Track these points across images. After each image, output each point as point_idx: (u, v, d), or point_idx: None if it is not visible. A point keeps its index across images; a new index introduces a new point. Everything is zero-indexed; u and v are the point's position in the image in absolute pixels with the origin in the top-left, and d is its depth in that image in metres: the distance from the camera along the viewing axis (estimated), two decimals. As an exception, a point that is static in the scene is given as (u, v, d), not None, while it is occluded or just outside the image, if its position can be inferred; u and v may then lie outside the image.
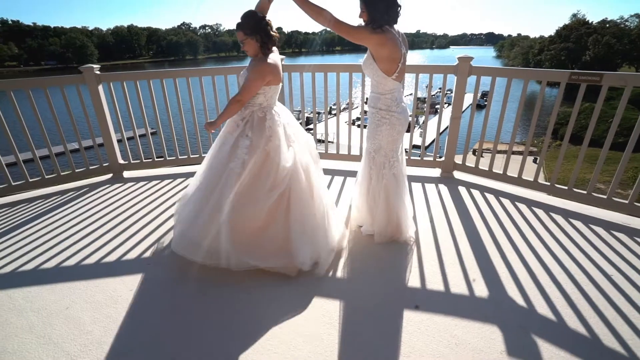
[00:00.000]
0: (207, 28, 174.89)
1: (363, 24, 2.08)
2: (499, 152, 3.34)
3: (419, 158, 3.65)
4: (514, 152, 3.31)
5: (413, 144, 3.70)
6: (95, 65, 3.35)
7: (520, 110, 3.06)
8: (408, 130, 3.41)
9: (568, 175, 3.62)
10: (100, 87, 3.40)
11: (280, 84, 2.23)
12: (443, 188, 3.29)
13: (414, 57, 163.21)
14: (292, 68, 3.66)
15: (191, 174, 2.56)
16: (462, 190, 3.25)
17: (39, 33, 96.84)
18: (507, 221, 2.73)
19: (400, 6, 2.05)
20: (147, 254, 2.41)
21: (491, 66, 3.15)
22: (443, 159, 3.57)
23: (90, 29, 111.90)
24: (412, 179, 3.48)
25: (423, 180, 3.47)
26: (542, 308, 1.88)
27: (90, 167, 3.65)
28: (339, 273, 2.19)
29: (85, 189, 3.48)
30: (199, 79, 3.58)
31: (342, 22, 2.00)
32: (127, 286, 2.11)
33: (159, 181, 3.62)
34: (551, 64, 50.80)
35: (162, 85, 3.52)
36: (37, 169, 3.39)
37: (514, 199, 3.08)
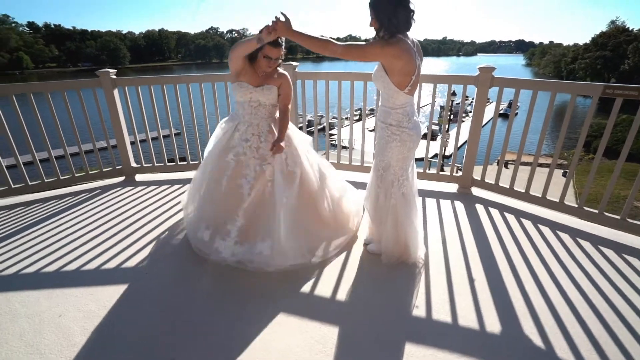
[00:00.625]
0: (234, 32, 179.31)
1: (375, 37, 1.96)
2: (523, 163, 3.11)
3: (435, 172, 3.47)
4: (540, 165, 3.07)
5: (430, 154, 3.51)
6: (111, 70, 3.39)
7: (546, 124, 2.84)
8: (425, 137, 3.26)
9: (601, 192, 3.33)
10: (115, 91, 3.44)
11: None
12: (459, 205, 3.09)
13: (439, 65, 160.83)
14: (306, 76, 3.58)
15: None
16: (480, 208, 3.05)
17: (77, 36, 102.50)
18: (528, 246, 2.51)
19: (413, 11, 1.90)
20: (146, 262, 2.37)
21: (515, 77, 2.93)
22: (460, 173, 3.37)
23: (124, 32, 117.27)
24: (426, 193, 3.31)
25: (438, 195, 3.28)
26: (563, 351, 1.68)
27: (104, 170, 3.70)
28: (340, 293, 2.06)
29: (97, 191, 3.52)
30: (211, 85, 3.56)
31: (350, 46, 1.89)
32: (122, 296, 2.06)
33: (168, 186, 3.61)
34: (585, 73, 48.60)
35: (176, 90, 3.53)
36: (53, 169, 3.46)
37: (536, 220, 2.85)
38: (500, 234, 2.65)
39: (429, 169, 3.37)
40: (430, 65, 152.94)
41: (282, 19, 1.88)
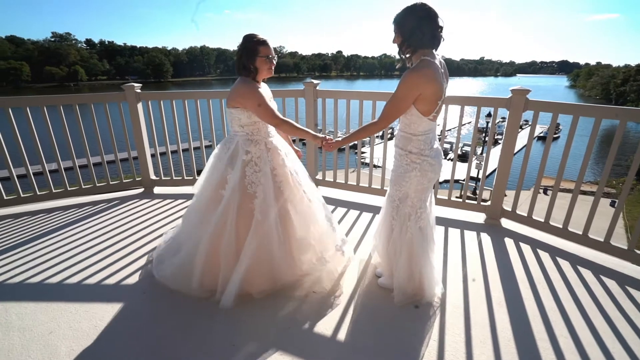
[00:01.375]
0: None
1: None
2: (563, 190, 2.77)
3: (460, 200, 3.20)
4: (583, 192, 2.72)
5: (455, 178, 3.25)
6: (136, 84, 3.48)
7: (590, 150, 2.53)
8: (450, 158, 3.02)
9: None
10: (139, 105, 3.52)
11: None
12: (486, 239, 2.81)
13: (475, 85, 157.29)
14: (327, 94, 3.48)
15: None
16: (509, 243, 2.74)
17: (127, 52, 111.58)
18: (565, 293, 2.18)
19: (441, 27, 1.73)
20: (147, 281, 2.29)
21: (553, 101, 2.66)
22: (489, 203, 3.08)
23: (168, 48, 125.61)
24: (449, 222, 3.05)
25: (462, 226, 3.01)
26: None
27: (124, 181, 3.76)
28: (341, 333, 1.86)
29: (115, 202, 3.57)
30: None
31: (383, 111, 1.83)
32: (116, 316, 1.98)
33: (184, 200, 3.60)
34: (638, 95, 45.35)
35: (196, 105, 3.56)
36: (76, 177, 3.56)
37: (576, 261, 2.51)
38: (532, 276, 2.34)
39: (460, 193, 3.09)
40: (465, 86, 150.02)
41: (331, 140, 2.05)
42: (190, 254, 2.09)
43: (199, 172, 3.82)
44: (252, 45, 1.96)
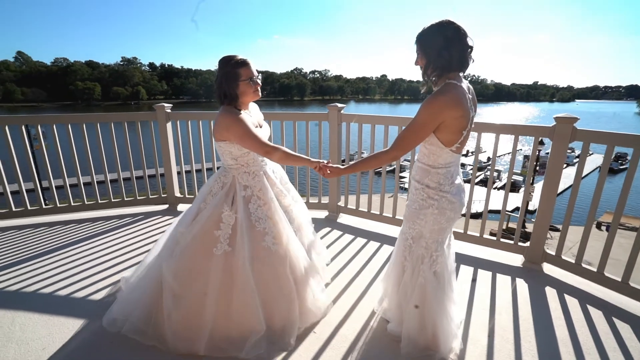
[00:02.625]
0: (316, 73, 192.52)
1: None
2: (623, 227, 2.35)
3: (494, 238, 2.85)
4: None
5: (489, 208, 2.90)
6: (167, 104, 3.61)
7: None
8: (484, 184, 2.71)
9: None
10: (168, 125, 3.64)
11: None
12: (522, 286, 2.44)
13: (526, 111, 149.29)
14: (352, 118, 3.36)
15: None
16: (551, 294, 2.35)
17: (183, 74, 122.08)
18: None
19: (471, 48, 1.53)
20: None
21: (607, 131, 2.30)
22: (528, 244, 2.71)
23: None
24: (479, 263, 2.71)
25: (495, 268, 2.66)
26: None
27: (151, 197, 3.87)
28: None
29: (140, 217, 3.66)
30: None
31: (399, 138, 1.62)
32: (108, 338, 1.92)
33: None
34: None
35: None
36: (107, 191, 3.72)
37: (638, 325, 2.07)
38: (578, 338, 1.95)
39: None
40: (515, 111, 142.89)
41: (332, 165, 1.87)
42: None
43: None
44: (231, 69, 1.76)
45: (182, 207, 3.93)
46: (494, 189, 27.15)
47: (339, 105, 3.31)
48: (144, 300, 1.88)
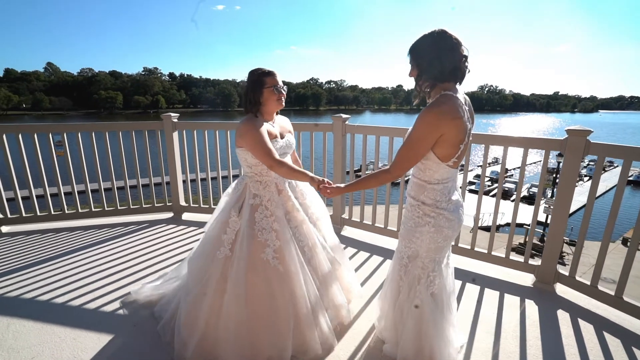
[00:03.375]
0: (331, 83, 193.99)
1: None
2: None
3: (502, 256, 2.71)
4: None
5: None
6: (173, 114, 3.65)
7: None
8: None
9: None
10: (175, 134, 3.68)
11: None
12: (531, 308, 2.29)
13: (545, 122, 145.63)
14: (357, 129, 3.31)
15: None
16: (564, 318, 2.20)
17: (201, 83, 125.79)
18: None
19: (465, 57, 1.46)
20: (143, 314, 2.21)
21: (624, 145, 2.16)
22: (539, 263, 2.56)
23: (237, 81, 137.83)
24: (486, 281, 2.58)
25: (504, 287, 2.52)
26: None
27: (156, 205, 3.89)
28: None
29: (144, 225, 3.69)
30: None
31: (398, 156, 1.52)
32: (100, 350, 1.90)
33: None
34: None
35: (227, 135, 3.61)
36: (113, 198, 3.77)
37: (659, 356, 1.90)
38: (591, 369, 1.80)
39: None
40: (533, 122, 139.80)
41: (331, 185, 1.77)
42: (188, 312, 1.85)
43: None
44: (258, 77, 1.84)
45: (187, 215, 3.93)
46: (512, 201, 26.40)
47: (344, 115, 3.27)
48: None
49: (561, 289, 2.49)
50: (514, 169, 34.03)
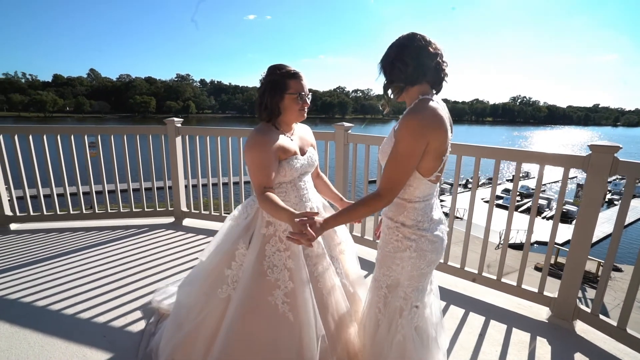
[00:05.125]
0: (358, 92, 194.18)
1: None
2: None
3: (514, 284, 2.42)
4: None
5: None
6: (176, 119, 3.62)
7: None
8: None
9: None
10: (178, 139, 3.65)
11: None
12: (543, 348, 2.00)
13: (583, 136, 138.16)
14: (360, 139, 3.13)
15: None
16: (581, 363, 1.90)
17: (230, 90, 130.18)
18: None
19: (436, 54, 1.26)
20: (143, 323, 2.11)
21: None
22: (555, 295, 2.26)
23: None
24: (493, 312, 2.30)
25: (512, 321, 2.23)
26: None
27: (158, 209, 3.87)
28: None
29: (145, 229, 3.66)
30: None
31: (385, 178, 1.29)
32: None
33: (206, 236, 3.50)
34: None
35: (227, 142, 3.56)
36: (116, 200, 3.78)
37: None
38: None
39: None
40: (569, 136, 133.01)
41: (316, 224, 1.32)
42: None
43: (226, 207, 3.76)
44: (280, 78, 1.49)
45: (187, 221, 3.88)
46: (544, 218, 25.03)
47: (346, 124, 3.10)
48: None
49: (582, 327, 2.18)
50: (546, 183, 32.47)
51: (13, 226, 3.65)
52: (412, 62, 1.25)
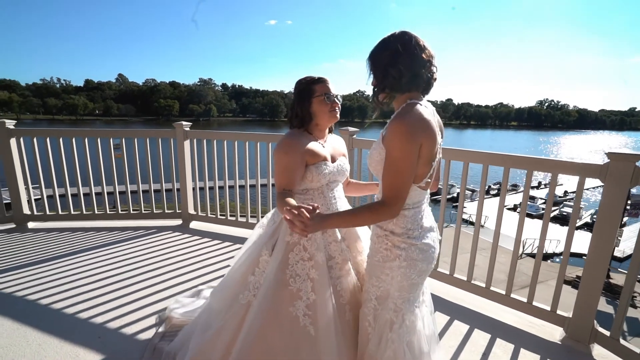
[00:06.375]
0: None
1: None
2: None
3: (524, 300, 2.27)
4: None
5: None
6: (185, 122, 3.66)
7: None
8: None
9: None
10: (186, 142, 3.69)
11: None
12: (553, 372, 1.85)
13: (616, 140, 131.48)
14: (365, 144, 3.05)
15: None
16: (596, 391, 1.74)
17: (251, 94, 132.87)
18: None
19: (428, 62, 1.22)
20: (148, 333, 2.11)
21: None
22: (570, 315, 2.10)
23: (285, 92, 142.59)
24: (500, 330, 2.16)
25: (521, 340, 2.08)
26: None
27: (166, 212, 3.92)
28: None
29: (153, 230, 3.71)
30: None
31: (386, 186, 1.21)
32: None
33: (219, 242, 3.48)
34: None
35: (234, 146, 3.55)
36: (127, 201, 3.87)
37: None
38: None
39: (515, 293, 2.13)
40: (600, 141, 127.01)
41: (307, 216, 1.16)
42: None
43: (232, 210, 3.76)
44: (305, 86, 1.53)
45: (195, 224, 3.91)
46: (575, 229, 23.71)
47: (350, 129, 3.04)
48: None
49: (599, 352, 2.00)
50: (574, 192, 31.05)
51: (31, 224, 3.79)
52: (406, 72, 1.21)
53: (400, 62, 1.20)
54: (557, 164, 2.04)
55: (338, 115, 1.57)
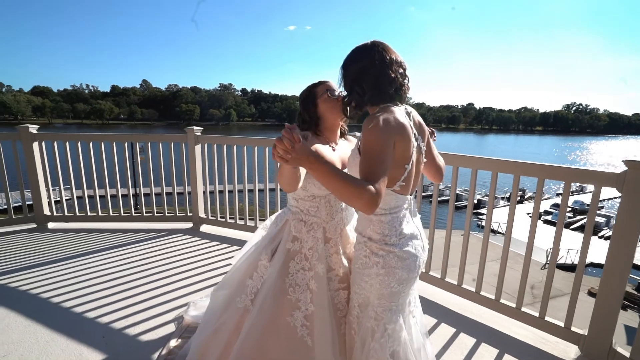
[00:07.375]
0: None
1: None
2: None
3: (536, 315, 2.16)
4: None
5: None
6: (196, 128, 3.73)
7: None
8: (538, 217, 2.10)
9: None
10: (197, 147, 3.75)
11: None
12: (565, 392, 1.74)
13: (631, 145, 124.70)
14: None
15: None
16: (610, 415, 1.62)
17: (270, 99, 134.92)
18: None
19: (400, 74, 1.23)
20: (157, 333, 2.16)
21: None
22: (585, 332, 1.98)
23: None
24: (509, 345, 2.06)
25: (531, 358, 1.98)
26: None
27: (178, 215, 3.99)
28: None
29: (164, 233, 3.78)
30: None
31: (365, 170, 1.10)
32: (63, 360, 1.88)
33: (228, 245, 3.51)
34: None
35: (243, 150, 3.59)
36: (140, 203, 3.96)
37: None
38: None
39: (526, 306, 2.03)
40: (632, 147, 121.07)
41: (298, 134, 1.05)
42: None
43: (240, 213, 3.79)
44: (308, 92, 1.54)
45: (205, 227, 3.96)
46: (600, 238, 22.69)
47: (358, 134, 2.99)
48: None
49: (616, 371, 1.88)
50: (604, 200, 29.68)
51: (51, 225, 3.94)
52: (370, 90, 1.23)
53: (365, 80, 1.23)
54: (569, 172, 1.94)
55: (347, 112, 1.46)
